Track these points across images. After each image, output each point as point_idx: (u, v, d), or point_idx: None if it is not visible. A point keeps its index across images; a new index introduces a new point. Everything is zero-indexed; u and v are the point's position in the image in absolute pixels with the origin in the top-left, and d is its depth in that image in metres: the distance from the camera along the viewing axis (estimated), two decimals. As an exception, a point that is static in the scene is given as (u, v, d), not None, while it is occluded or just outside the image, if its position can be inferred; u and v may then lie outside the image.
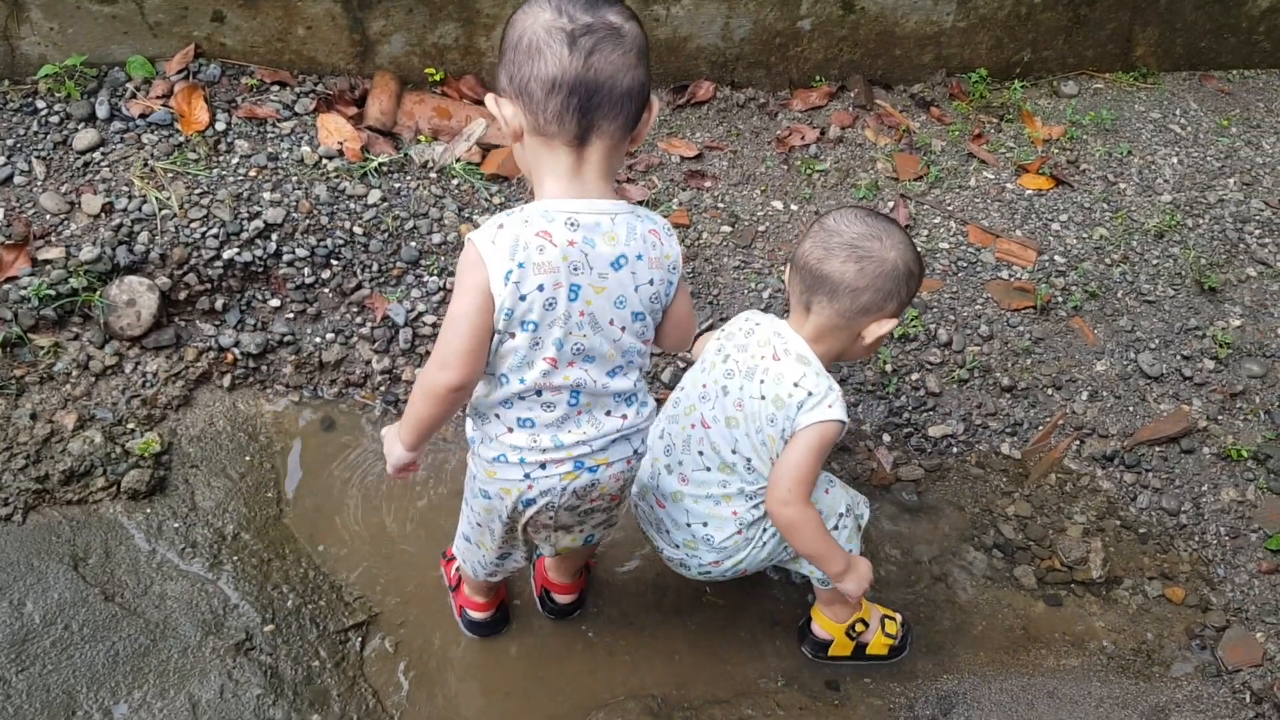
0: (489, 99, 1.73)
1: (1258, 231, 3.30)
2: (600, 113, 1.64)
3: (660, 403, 2.20)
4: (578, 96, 1.62)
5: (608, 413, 1.88)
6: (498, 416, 1.85)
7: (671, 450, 2.24)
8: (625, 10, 1.67)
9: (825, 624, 2.44)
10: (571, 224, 1.69)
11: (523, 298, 1.70)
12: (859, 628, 2.44)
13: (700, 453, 2.18)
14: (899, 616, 2.51)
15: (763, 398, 2.07)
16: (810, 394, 2.05)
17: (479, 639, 2.44)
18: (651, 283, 1.79)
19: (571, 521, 2.01)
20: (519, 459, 1.85)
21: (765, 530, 2.22)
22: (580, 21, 1.60)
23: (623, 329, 1.80)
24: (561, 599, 2.48)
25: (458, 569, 2.39)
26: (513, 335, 1.74)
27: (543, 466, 1.86)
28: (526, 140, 1.71)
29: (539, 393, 1.81)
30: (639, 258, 1.75)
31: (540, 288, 1.70)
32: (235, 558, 2.46)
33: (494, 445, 1.87)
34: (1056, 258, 3.16)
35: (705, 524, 2.22)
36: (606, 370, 1.83)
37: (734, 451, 2.14)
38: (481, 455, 1.90)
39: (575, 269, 1.71)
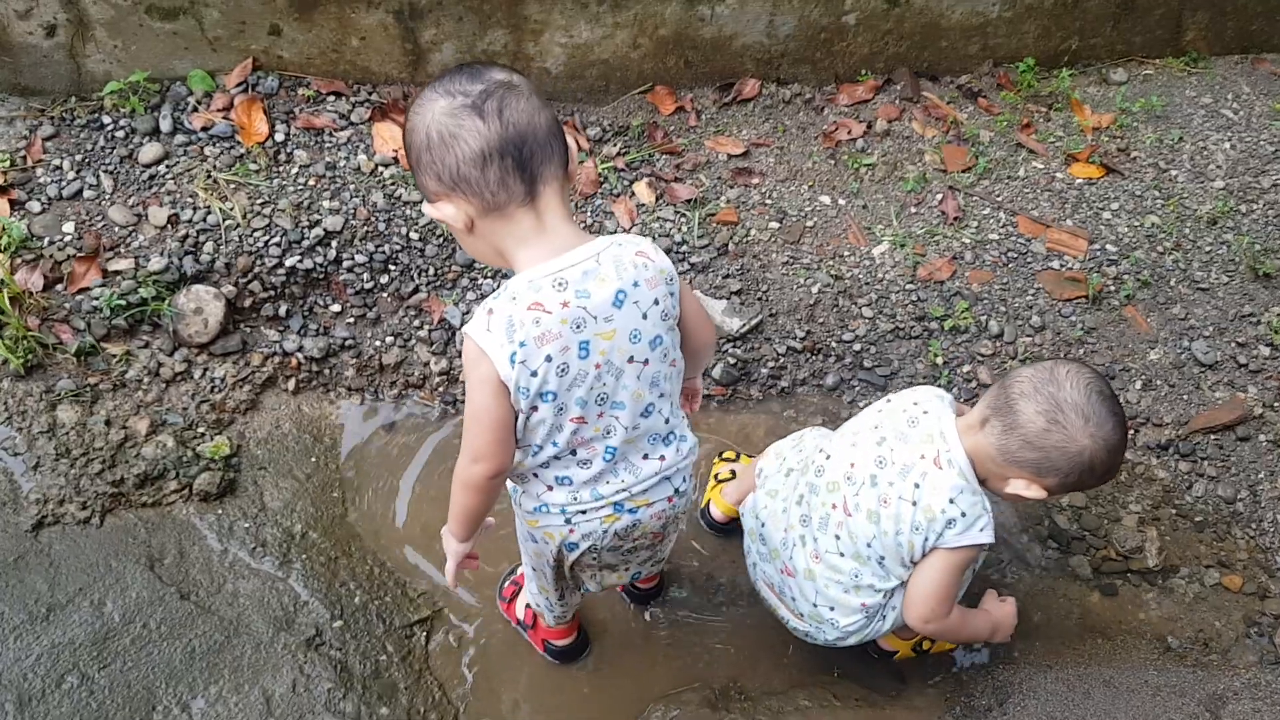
0: (425, 207, 1.72)
1: (1313, 216, 3.27)
2: (536, 160, 1.64)
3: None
4: (511, 155, 1.62)
5: (645, 456, 1.87)
6: (536, 476, 1.86)
7: (808, 522, 2.19)
8: (504, 68, 1.67)
9: (892, 641, 2.47)
10: (560, 284, 1.66)
11: (534, 373, 1.68)
12: (925, 644, 2.47)
13: (838, 537, 2.13)
14: None
15: (914, 503, 2.01)
16: (963, 514, 1.99)
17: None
18: (657, 302, 1.75)
19: (616, 561, 2.03)
20: (559, 509, 1.87)
21: (892, 609, 2.18)
22: (475, 91, 1.61)
23: (645, 362, 1.77)
24: (643, 585, 2.53)
25: (527, 605, 2.43)
26: (535, 409, 1.73)
27: (583, 512, 1.87)
28: (479, 226, 1.68)
29: (574, 452, 1.81)
30: (635, 285, 1.72)
31: (549, 358, 1.68)
32: (304, 556, 2.54)
33: (533, 500, 1.88)
34: (1108, 246, 3.15)
35: (832, 608, 2.19)
36: (639, 411, 1.81)
37: (869, 546, 2.09)
38: (523, 506, 1.91)
39: (578, 326, 1.68)
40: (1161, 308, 3.05)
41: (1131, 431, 2.85)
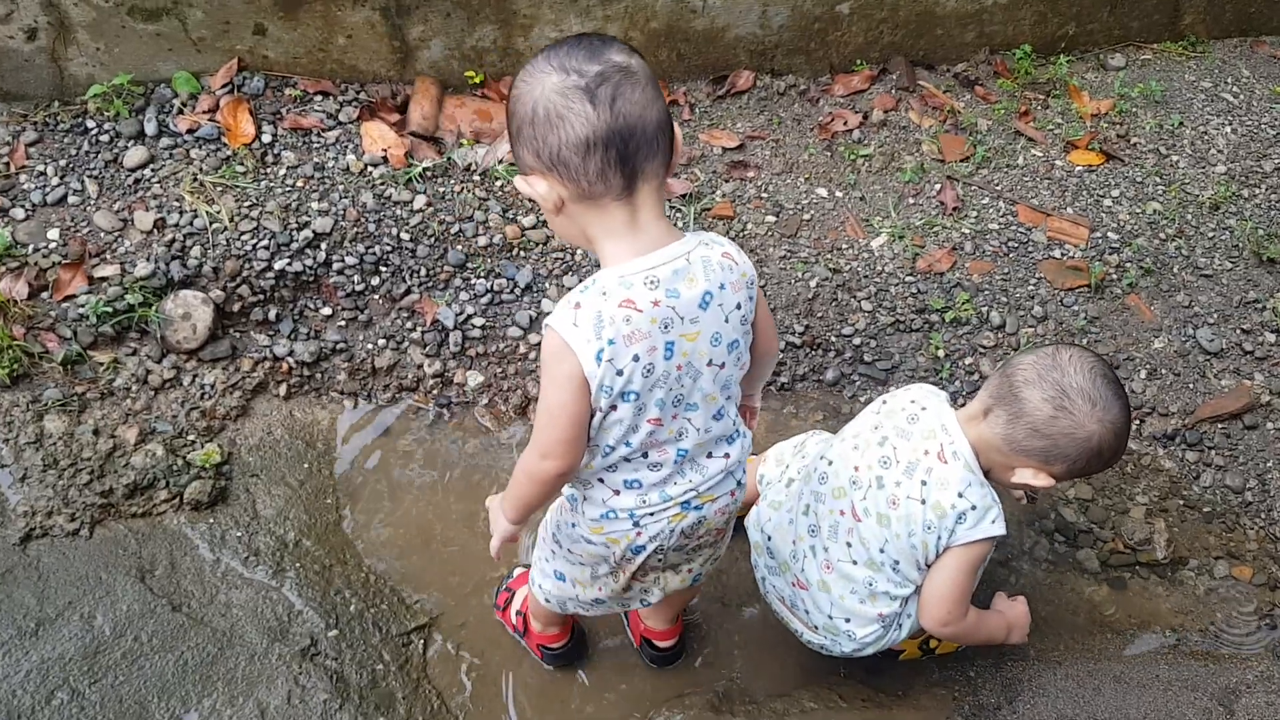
0: (518, 180, 1.64)
1: (1317, 199, 3.23)
2: (640, 156, 1.56)
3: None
4: (615, 148, 1.54)
5: (710, 455, 1.82)
6: (602, 481, 1.80)
7: (817, 532, 2.15)
8: (625, 47, 1.59)
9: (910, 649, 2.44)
10: (651, 282, 1.61)
11: (620, 372, 1.63)
12: (932, 643, 2.42)
13: (849, 544, 2.09)
14: None
15: (923, 501, 1.97)
16: (974, 508, 1.95)
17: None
18: (739, 306, 1.71)
19: (680, 560, 1.96)
20: (628, 514, 1.81)
21: (908, 617, 2.14)
22: (591, 72, 1.52)
23: (721, 365, 1.73)
24: (662, 644, 2.42)
25: (518, 612, 2.38)
26: (614, 408, 1.68)
27: (651, 514, 1.81)
28: (570, 209, 1.62)
29: (645, 454, 1.75)
30: (722, 287, 1.67)
31: (636, 358, 1.62)
32: (298, 564, 2.50)
33: (599, 506, 1.82)
34: (1109, 234, 3.11)
35: (848, 619, 2.15)
36: (711, 414, 1.77)
37: (882, 551, 2.05)
38: (586, 514, 1.84)
39: (666, 326, 1.63)
40: (1165, 295, 3.00)
41: (1137, 421, 2.81)
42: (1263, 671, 2.46)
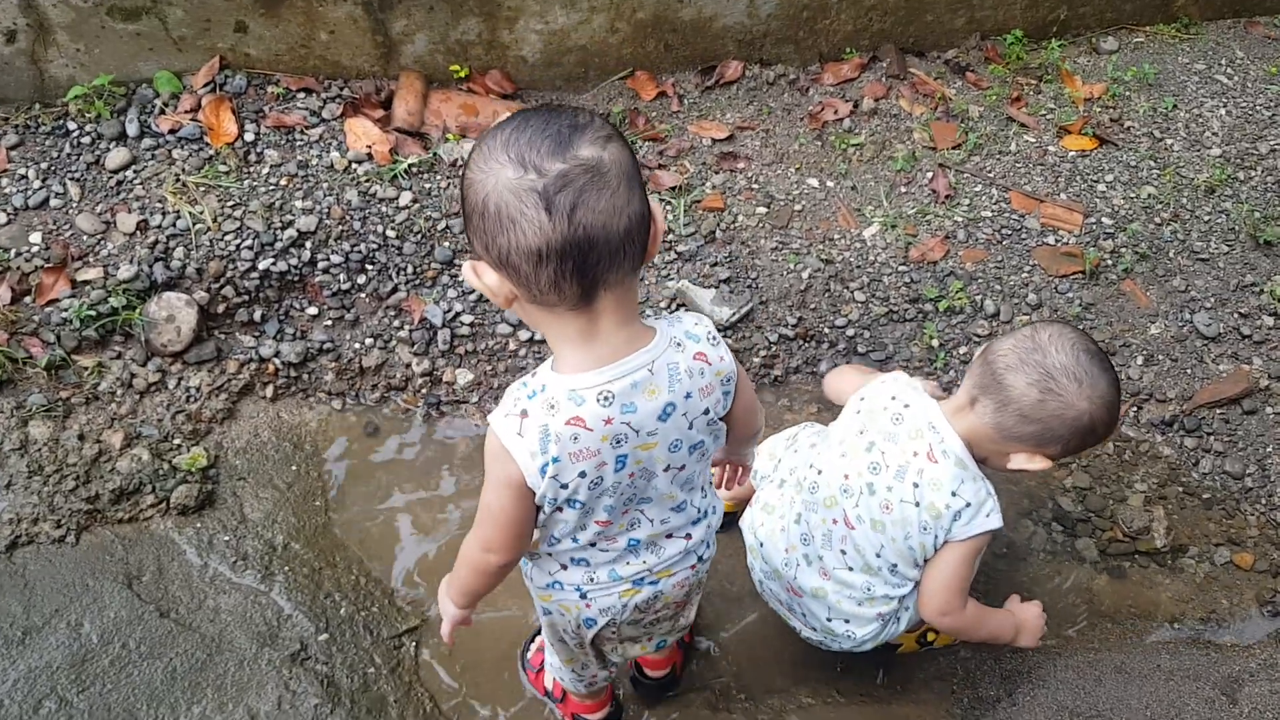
0: (466, 267, 1.44)
1: (1313, 180, 3.19)
2: (601, 268, 1.36)
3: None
4: (571, 260, 1.33)
5: (669, 536, 1.73)
6: (550, 556, 1.72)
7: (810, 541, 2.12)
8: (599, 132, 1.35)
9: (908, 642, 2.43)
10: (605, 398, 1.46)
11: (564, 485, 1.52)
12: (930, 635, 2.40)
13: (844, 552, 2.06)
14: None
15: (916, 504, 1.93)
16: (969, 504, 1.91)
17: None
18: (707, 411, 1.58)
19: (637, 633, 1.90)
20: (574, 589, 1.74)
21: (905, 610, 2.11)
22: (551, 173, 1.30)
23: (681, 467, 1.62)
24: (654, 674, 2.35)
25: (555, 679, 2.25)
26: (560, 511, 1.59)
27: (601, 589, 1.74)
28: (523, 306, 1.45)
29: (593, 544, 1.67)
30: (688, 397, 1.53)
31: (583, 474, 1.51)
32: (286, 568, 2.47)
33: (546, 576, 1.75)
34: (1104, 220, 3.08)
35: (847, 621, 2.12)
36: (669, 507, 1.68)
37: (878, 555, 2.01)
38: (535, 580, 1.78)
39: (618, 442, 1.51)
40: (1161, 280, 2.97)
41: (1135, 408, 2.78)
42: (1265, 659, 2.43)
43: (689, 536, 1.75)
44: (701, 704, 2.37)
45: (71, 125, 2.97)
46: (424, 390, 2.79)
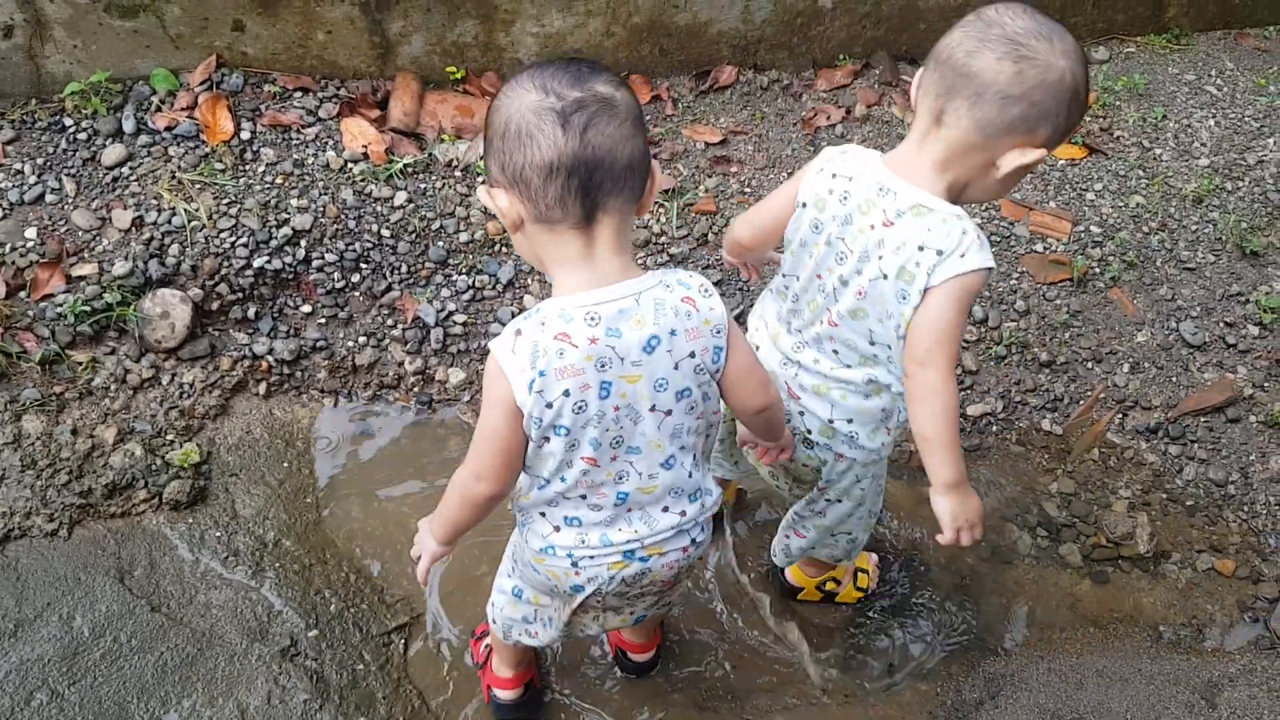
0: (480, 191, 1.62)
1: (1300, 192, 3.23)
2: (604, 190, 1.53)
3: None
4: (578, 177, 1.51)
5: (665, 509, 1.76)
6: (543, 515, 1.76)
7: (801, 348, 1.97)
8: (613, 79, 1.55)
9: (798, 576, 2.45)
10: (591, 319, 1.57)
11: (549, 405, 1.59)
12: (830, 585, 2.43)
13: (835, 351, 1.91)
14: (873, 563, 2.53)
15: (885, 276, 1.75)
16: (939, 251, 1.70)
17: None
18: (693, 355, 1.64)
19: (620, 604, 1.92)
20: (566, 554, 1.76)
21: (900, 412, 1.96)
22: (570, 98, 1.49)
23: (667, 412, 1.66)
24: (637, 657, 2.38)
25: (487, 645, 2.31)
26: (547, 440, 1.64)
27: (590, 557, 1.77)
28: (528, 229, 1.59)
29: (584, 496, 1.72)
30: (673, 333, 1.61)
31: (566, 393, 1.59)
32: (277, 564, 2.48)
33: (540, 539, 1.78)
34: (1092, 228, 3.11)
35: (850, 421, 1.97)
36: (659, 461, 1.70)
37: (872, 343, 1.86)
38: (530, 543, 1.80)
39: (603, 365, 1.59)
40: (1148, 289, 3.00)
41: (1120, 415, 2.81)
42: (1246, 665, 2.46)
43: (683, 513, 1.77)
44: (688, 704, 2.38)
45: (68, 121, 2.99)
46: (416, 389, 2.81)
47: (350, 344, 2.83)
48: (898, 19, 3.40)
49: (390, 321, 2.86)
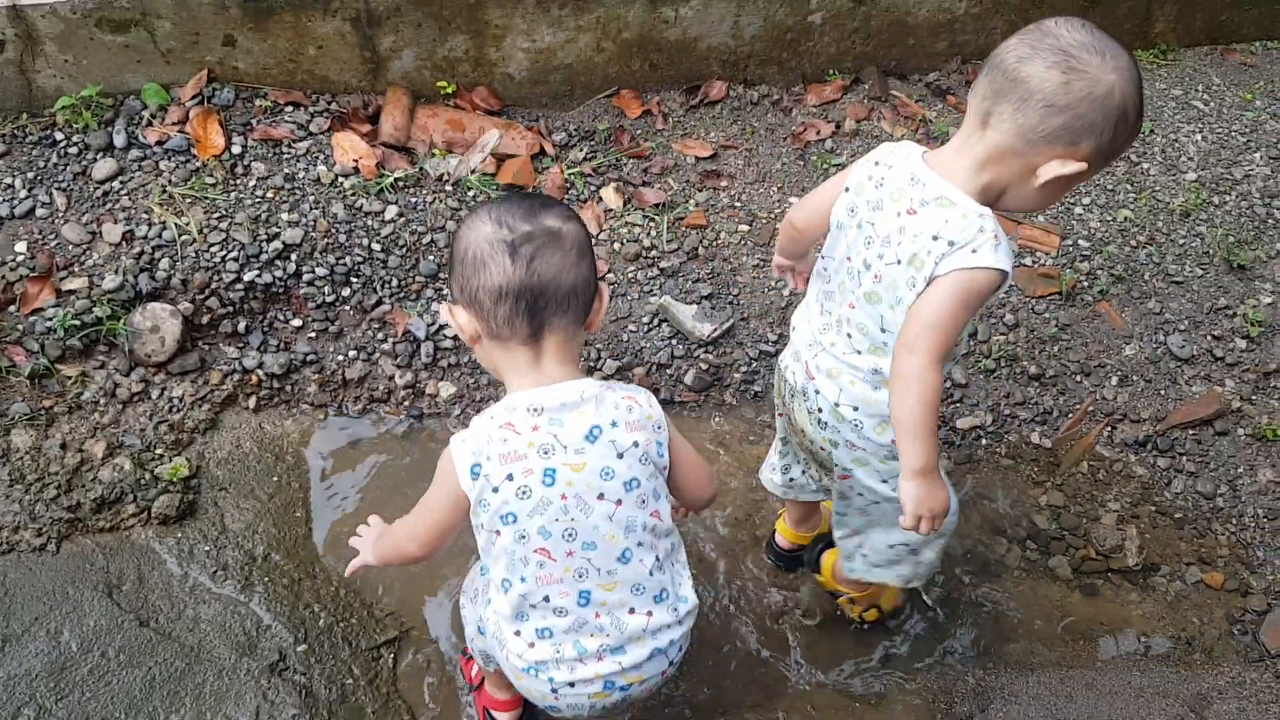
0: (442, 308, 1.81)
1: (1286, 206, 3.25)
2: (549, 312, 1.70)
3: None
4: (524, 300, 1.68)
5: (631, 610, 1.81)
6: (518, 634, 1.82)
7: (827, 329, 1.99)
8: (563, 211, 1.73)
9: (828, 582, 2.46)
10: (534, 410, 1.72)
11: (495, 489, 1.72)
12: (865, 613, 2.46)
13: (849, 335, 1.93)
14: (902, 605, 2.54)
15: (898, 261, 1.78)
16: (951, 243, 1.72)
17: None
18: (637, 444, 1.75)
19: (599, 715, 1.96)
20: (547, 678, 1.82)
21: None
22: (520, 231, 1.68)
23: (617, 502, 1.75)
24: None
25: (479, 668, 2.30)
26: (498, 533, 1.75)
27: (571, 685, 1.83)
28: (484, 343, 1.77)
29: (546, 598, 1.78)
30: (614, 425, 1.74)
31: (510, 477, 1.71)
32: (266, 578, 2.48)
33: (519, 660, 1.83)
34: (1080, 242, 3.12)
35: (856, 408, 1.97)
36: (615, 555, 1.77)
37: (882, 329, 1.87)
38: (509, 661, 1.87)
39: (546, 452, 1.72)
40: (1136, 302, 3.01)
41: (1109, 429, 2.81)
42: (1234, 677, 2.46)
43: (649, 614, 1.82)
44: (675, 717, 2.38)
45: (59, 135, 2.99)
46: (407, 403, 2.81)
47: (340, 358, 2.83)
48: (886, 35, 3.42)
49: (381, 335, 2.86)
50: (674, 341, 2.90)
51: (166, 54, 3.02)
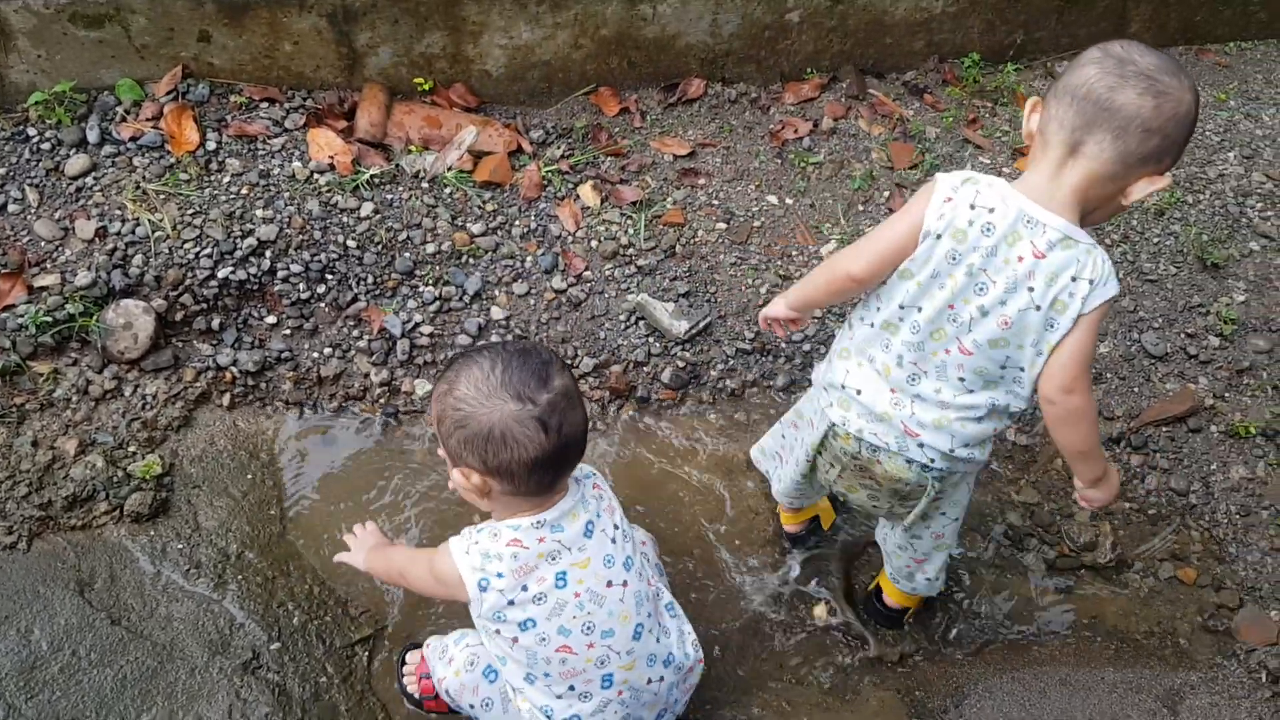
0: (455, 474, 1.85)
1: (1259, 205, 3.27)
2: (571, 462, 1.86)
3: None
4: (555, 462, 1.80)
5: (648, 681, 2.00)
6: (549, 717, 2.00)
7: (918, 379, 1.97)
8: (560, 366, 1.82)
9: (899, 597, 2.48)
10: (538, 524, 1.86)
11: (511, 602, 1.86)
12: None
13: (962, 379, 1.93)
14: None
15: (1038, 308, 1.81)
16: (1091, 281, 1.78)
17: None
18: (617, 526, 1.96)
19: None
20: None
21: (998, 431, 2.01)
22: (543, 401, 1.75)
23: (624, 584, 1.93)
24: None
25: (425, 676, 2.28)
26: (515, 640, 1.90)
27: None
28: (496, 497, 1.87)
29: (572, 687, 1.94)
30: (599, 515, 1.93)
31: (524, 588, 1.86)
32: (240, 576, 2.47)
33: None
34: (1056, 240, 3.13)
35: (968, 445, 1.99)
36: (630, 635, 1.95)
37: (1003, 368, 1.90)
38: None
39: (553, 558, 1.87)
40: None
41: (1083, 426, 2.83)
42: (1207, 672, 2.48)
43: (662, 679, 2.03)
44: (653, 714, 2.38)
45: (31, 131, 2.97)
46: (382, 400, 2.80)
47: (315, 355, 2.82)
48: (864, 33, 3.43)
49: (356, 333, 2.85)
50: (651, 339, 2.90)
51: (141, 49, 3.00)
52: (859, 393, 2.03)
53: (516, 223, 3.04)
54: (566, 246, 3.02)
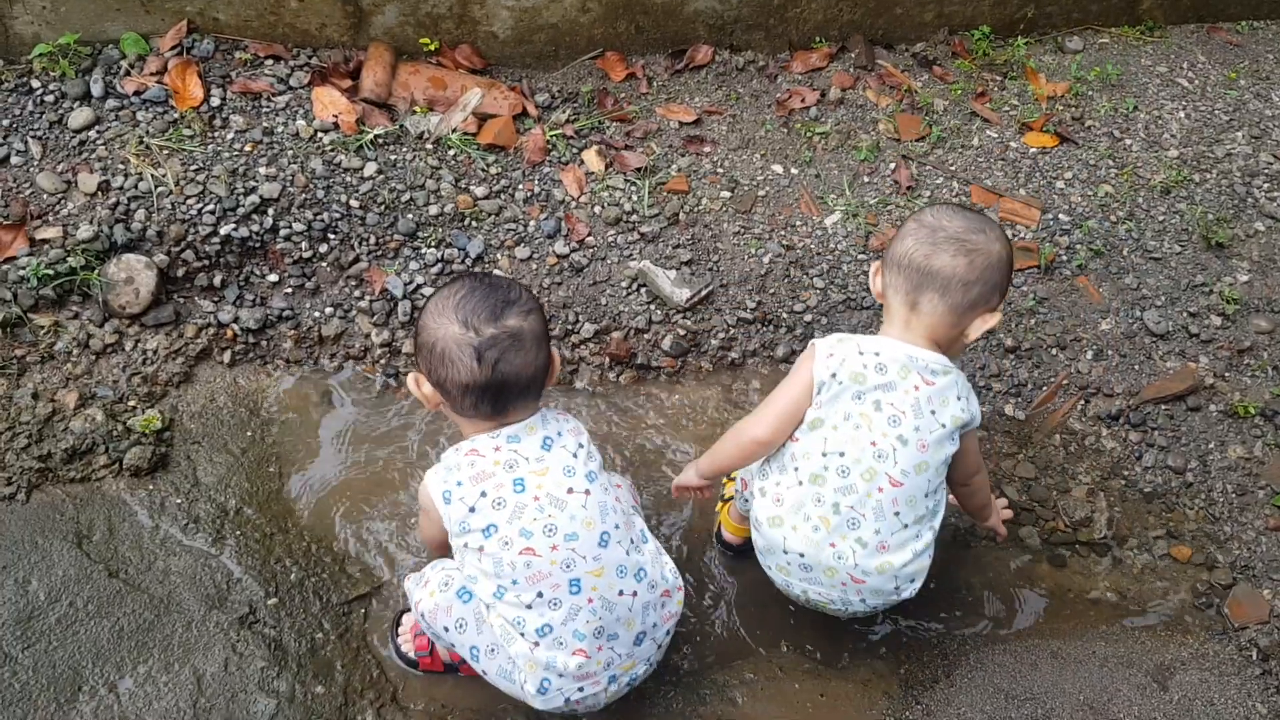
0: (410, 378, 2.02)
1: (1266, 185, 3.25)
2: (511, 398, 1.95)
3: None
4: (489, 394, 1.91)
5: (620, 593, 2.00)
6: (523, 635, 1.98)
7: (858, 523, 2.08)
8: (524, 304, 1.93)
9: None
10: (493, 435, 1.98)
11: (472, 509, 1.93)
12: None
13: (897, 513, 2.08)
14: None
15: (943, 426, 2.08)
16: (966, 397, 2.12)
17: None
18: (582, 445, 2.02)
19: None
20: (559, 689, 2.01)
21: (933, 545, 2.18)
22: (485, 335, 1.88)
23: (586, 491, 1.97)
24: None
25: (420, 634, 2.32)
26: (481, 549, 1.94)
27: (580, 690, 2.02)
28: (447, 412, 2.03)
29: (540, 594, 1.94)
30: (560, 434, 2.01)
31: (484, 493, 1.93)
32: (238, 532, 2.48)
33: (534, 678, 2.01)
34: (1061, 216, 3.12)
35: (912, 580, 2.16)
36: (596, 541, 1.97)
37: (928, 495, 2.11)
38: (525, 689, 2.03)
39: (511, 466, 1.95)
40: (1114, 277, 3.02)
41: (1083, 401, 2.83)
42: (1197, 649, 2.49)
43: (635, 593, 2.01)
44: (647, 676, 2.39)
45: (35, 83, 2.96)
46: (383, 361, 2.80)
47: (317, 314, 2.82)
48: (874, 3, 3.40)
49: (358, 293, 2.84)
50: (652, 307, 2.90)
51: (146, 3, 2.99)
52: (801, 555, 2.15)
53: (520, 186, 3.03)
54: (570, 211, 3.01)
